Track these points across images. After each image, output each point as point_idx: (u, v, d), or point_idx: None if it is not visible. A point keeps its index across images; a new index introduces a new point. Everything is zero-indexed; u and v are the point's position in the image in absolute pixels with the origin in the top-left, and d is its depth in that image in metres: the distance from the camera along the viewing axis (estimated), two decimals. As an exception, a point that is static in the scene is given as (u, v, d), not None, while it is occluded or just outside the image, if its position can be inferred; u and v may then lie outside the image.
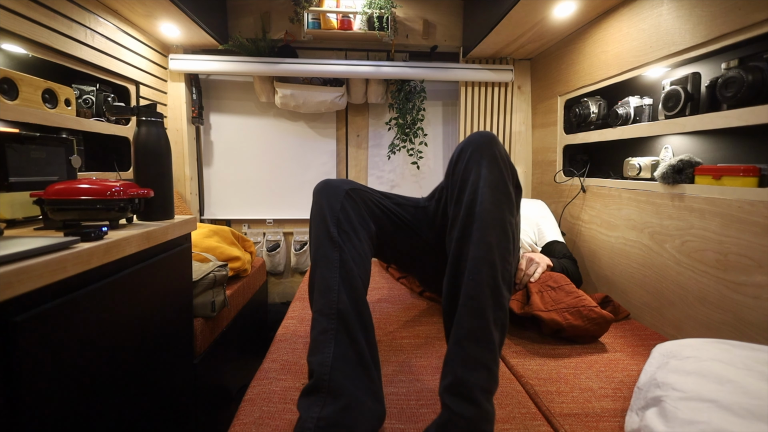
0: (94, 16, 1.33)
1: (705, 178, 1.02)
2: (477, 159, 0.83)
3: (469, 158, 0.84)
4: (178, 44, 1.83)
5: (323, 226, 0.89)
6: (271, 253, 2.02)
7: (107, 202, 0.74)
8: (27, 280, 0.51)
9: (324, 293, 0.78)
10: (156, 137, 0.90)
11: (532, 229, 1.48)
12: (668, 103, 1.12)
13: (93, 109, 1.31)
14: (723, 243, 0.96)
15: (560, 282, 1.12)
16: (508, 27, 1.55)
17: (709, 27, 0.99)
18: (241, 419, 0.75)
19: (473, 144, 0.85)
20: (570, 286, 1.11)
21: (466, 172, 0.83)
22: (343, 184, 0.99)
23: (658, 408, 0.64)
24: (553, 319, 1.02)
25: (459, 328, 0.69)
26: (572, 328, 1.02)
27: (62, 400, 0.59)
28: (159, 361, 0.87)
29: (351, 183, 1.02)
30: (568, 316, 1.02)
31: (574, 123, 1.60)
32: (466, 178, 0.83)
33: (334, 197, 0.95)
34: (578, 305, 1.03)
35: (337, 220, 0.89)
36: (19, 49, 1.08)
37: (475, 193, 0.79)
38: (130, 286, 0.76)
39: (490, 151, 0.83)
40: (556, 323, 1.02)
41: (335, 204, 0.93)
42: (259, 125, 2.04)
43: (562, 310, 1.03)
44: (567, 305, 1.04)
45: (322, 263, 0.83)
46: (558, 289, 1.10)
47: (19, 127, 0.97)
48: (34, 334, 0.53)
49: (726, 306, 0.95)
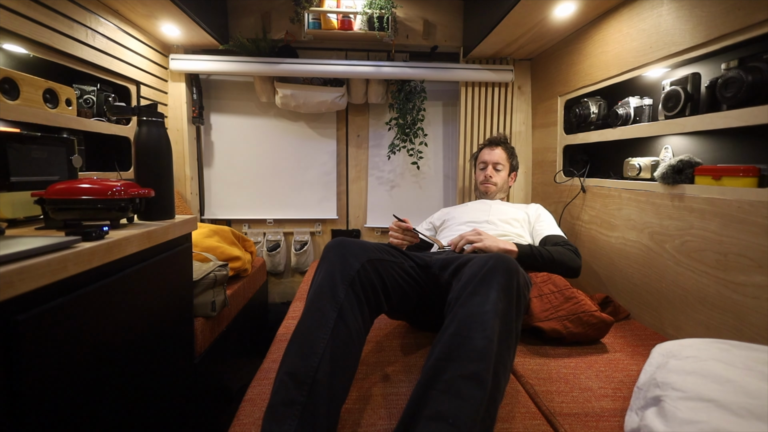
0: (95, 16, 1.33)
1: (705, 179, 1.02)
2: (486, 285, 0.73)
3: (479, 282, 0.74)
4: (179, 44, 1.84)
5: (329, 280, 0.77)
6: (271, 253, 2.02)
7: (108, 201, 0.74)
8: (28, 279, 0.52)
9: (304, 354, 0.67)
10: (157, 137, 0.90)
11: (526, 230, 1.43)
12: (668, 104, 1.12)
13: (94, 109, 1.31)
14: (723, 243, 0.96)
15: (559, 285, 1.11)
16: (509, 27, 1.55)
17: (709, 27, 0.99)
18: (241, 419, 0.75)
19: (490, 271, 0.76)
20: (570, 290, 1.09)
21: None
22: (364, 249, 0.86)
23: (657, 408, 0.64)
24: (553, 329, 1.03)
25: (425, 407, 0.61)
26: (573, 335, 1.03)
27: (63, 399, 0.59)
28: (159, 360, 0.87)
29: (373, 251, 0.88)
30: (568, 324, 1.02)
31: (574, 123, 1.60)
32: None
33: (353, 257, 0.82)
34: (578, 311, 1.03)
35: (351, 280, 0.78)
36: (20, 49, 1.08)
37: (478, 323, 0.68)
38: (131, 285, 0.76)
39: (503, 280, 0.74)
40: (556, 332, 1.02)
41: (353, 263, 0.81)
42: (259, 125, 2.05)
43: (562, 318, 1.03)
44: (567, 312, 1.04)
45: (314, 317, 0.71)
46: (557, 294, 1.09)
47: (20, 127, 0.97)
48: (35, 333, 0.53)
49: (726, 306, 0.95)
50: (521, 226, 1.43)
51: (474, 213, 1.48)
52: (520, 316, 0.77)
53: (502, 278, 0.74)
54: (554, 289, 1.10)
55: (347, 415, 0.75)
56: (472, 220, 1.44)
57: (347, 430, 0.72)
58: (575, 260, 1.23)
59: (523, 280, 0.81)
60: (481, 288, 0.73)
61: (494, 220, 1.42)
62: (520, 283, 0.77)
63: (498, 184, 1.60)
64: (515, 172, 1.67)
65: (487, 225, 1.39)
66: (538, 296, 1.10)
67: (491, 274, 0.75)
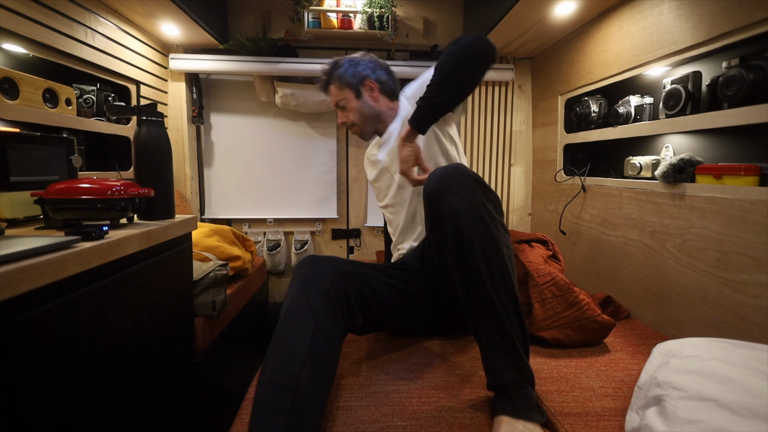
0: (95, 15, 1.33)
1: (706, 177, 1.02)
2: (445, 192, 0.76)
3: (438, 195, 0.78)
4: (179, 44, 1.83)
5: (304, 292, 0.78)
6: (271, 253, 2.02)
7: (108, 201, 0.74)
8: (28, 279, 0.51)
9: (285, 362, 0.68)
10: (156, 137, 0.90)
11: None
12: (669, 102, 1.12)
13: (94, 108, 1.31)
14: (724, 242, 0.96)
15: (563, 289, 1.08)
16: (509, 26, 1.55)
17: (710, 26, 0.99)
18: (243, 418, 0.75)
19: (433, 183, 0.79)
20: (572, 294, 1.06)
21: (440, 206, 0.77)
22: (336, 263, 0.87)
23: (658, 407, 0.63)
24: (555, 337, 1.02)
25: (485, 339, 0.77)
26: (574, 342, 1.02)
27: (64, 399, 0.59)
28: (159, 360, 0.87)
29: (345, 264, 0.89)
30: (570, 332, 1.02)
31: (575, 122, 1.60)
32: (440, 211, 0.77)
33: (327, 270, 0.84)
34: (581, 318, 1.02)
35: (326, 291, 0.79)
36: (20, 48, 1.08)
37: (455, 218, 0.75)
38: (131, 285, 0.76)
39: (455, 181, 0.77)
40: (558, 340, 1.02)
41: (327, 276, 0.82)
42: (259, 125, 2.04)
43: (565, 326, 1.02)
44: (570, 320, 1.03)
45: (292, 327, 0.73)
46: (560, 298, 1.06)
47: (20, 127, 0.97)
48: (35, 334, 0.53)
49: (727, 305, 0.95)
50: (426, 147, 1.10)
51: (379, 173, 1.21)
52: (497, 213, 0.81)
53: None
54: (557, 293, 1.07)
55: (328, 418, 0.75)
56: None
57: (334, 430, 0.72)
58: (467, 46, 0.90)
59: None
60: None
61: (393, 167, 1.16)
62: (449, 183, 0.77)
63: (357, 121, 1.18)
64: (364, 83, 1.16)
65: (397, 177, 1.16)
66: (540, 301, 1.08)
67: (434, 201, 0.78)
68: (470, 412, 0.78)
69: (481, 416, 0.76)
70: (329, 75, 1.19)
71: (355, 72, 1.16)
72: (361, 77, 1.15)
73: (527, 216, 2.11)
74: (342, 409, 0.78)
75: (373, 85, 1.16)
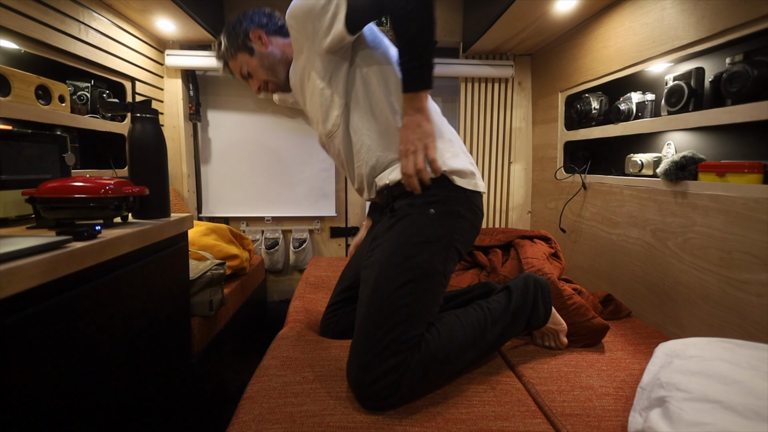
0: (88, 11, 1.31)
1: (708, 175, 1.01)
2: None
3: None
4: (174, 39, 1.81)
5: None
6: (269, 251, 2.01)
7: (101, 200, 0.72)
8: (17, 281, 0.50)
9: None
10: (151, 134, 0.88)
11: (326, 79, 0.93)
12: (671, 99, 1.10)
13: (88, 105, 1.29)
14: (727, 240, 0.95)
15: (554, 293, 1.06)
16: (509, 22, 1.53)
17: (714, 21, 0.97)
18: (240, 417, 0.73)
19: None
20: (560, 299, 1.04)
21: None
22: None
23: (662, 409, 0.63)
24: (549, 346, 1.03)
25: None
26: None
27: (56, 404, 0.57)
28: (156, 361, 0.86)
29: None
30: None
31: (575, 119, 1.58)
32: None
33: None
34: (572, 323, 1.01)
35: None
36: (12, 44, 1.06)
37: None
38: (126, 285, 0.74)
39: None
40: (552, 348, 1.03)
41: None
42: (257, 122, 2.02)
43: None
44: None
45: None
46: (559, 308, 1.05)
47: (12, 124, 0.95)
48: (25, 337, 0.52)
49: (730, 304, 0.94)
50: (316, 78, 0.94)
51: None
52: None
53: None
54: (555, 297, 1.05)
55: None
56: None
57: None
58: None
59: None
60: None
61: (313, 115, 1.03)
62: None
63: (266, 77, 1.07)
64: (249, 38, 1.03)
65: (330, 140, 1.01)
66: None
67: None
68: (465, 408, 0.77)
69: (476, 411, 0.76)
70: (219, 53, 1.09)
71: (234, 33, 1.04)
72: (244, 33, 1.03)
73: (527, 214, 2.10)
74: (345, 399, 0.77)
75: (258, 32, 1.03)
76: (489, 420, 0.74)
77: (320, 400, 0.77)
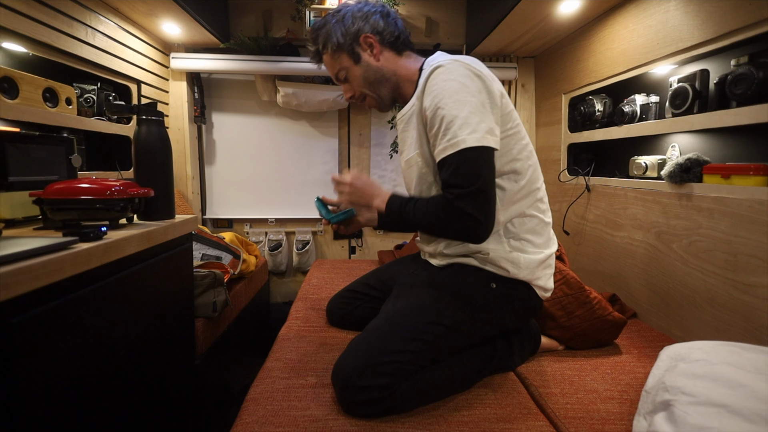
0: (95, 14, 1.32)
1: (713, 177, 1.00)
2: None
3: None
4: (180, 43, 1.83)
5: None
6: (273, 253, 2.01)
7: (107, 201, 0.73)
8: (24, 281, 0.51)
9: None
10: (156, 136, 0.89)
11: (427, 160, 0.89)
12: (675, 101, 1.10)
13: (94, 108, 1.31)
14: (732, 243, 0.94)
15: (574, 288, 1.05)
16: (512, 24, 1.53)
17: (718, 23, 0.97)
18: (243, 419, 0.74)
19: None
20: (583, 293, 1.03)
21: None
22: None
23: (667, 412, 0.62)
24: (564, 337, 1.04)
25: None
26: (587, 344, 1.03)
27: (61, 403, 0.58)
28: (160, 362, 0.86)
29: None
30: (579, 333, 1.02)
31: (579, 121, 1.58)
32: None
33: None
34: (592, 318, 1.01)
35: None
36: (20, 47, 1.08)
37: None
38: (130, 286, 0.75)
39: None
40: (567, 341, 1.04)
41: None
42: (261, 124, 2.03)
43: (575, 327, 1.02)
44: (581, 319, 1.02)
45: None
46: (571, 297, 1.04)
47: (20, 127, 0.96)
48: (31, 336, 0.52)
49: (735, 307, 0.93)
50: (420, 161, 0.89)
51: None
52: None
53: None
54: (568, 292, 1.04)
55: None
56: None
57: None
58: (448, 223, 0.77)
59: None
60: None
61: (408, 180, 0.99)
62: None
63: (366, 91, 0.96)
64: (359, 42, 0.92)
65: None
66: (550, 300, 1.04)
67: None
68: (467, 410, 0.77)
69: (479, 414, 0.76)
70: (316, 41, 0.95)
71: (345, 30, 0.90)
72: (355, 34, 0.90)
73: (530, 216, 2.09)
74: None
75: (371, 39, 0.91)
76: (491, 422, 0.74)
77: (323, 404, 0.77)
